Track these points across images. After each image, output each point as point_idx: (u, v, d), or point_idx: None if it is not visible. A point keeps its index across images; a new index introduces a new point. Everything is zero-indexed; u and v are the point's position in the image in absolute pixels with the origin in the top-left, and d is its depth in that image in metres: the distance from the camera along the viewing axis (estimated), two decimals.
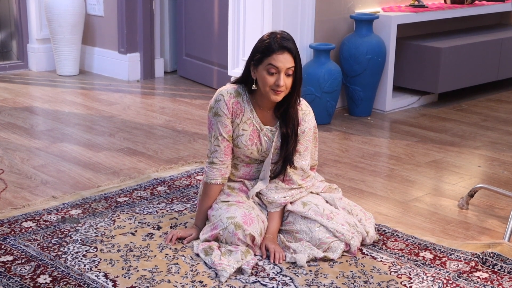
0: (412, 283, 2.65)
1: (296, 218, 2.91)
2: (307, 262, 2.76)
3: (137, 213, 3.21)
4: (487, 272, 2.73)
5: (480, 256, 2.81)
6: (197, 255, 2.81)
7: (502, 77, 5.76)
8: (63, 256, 2.78)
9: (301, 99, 2.94)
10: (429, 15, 5.29)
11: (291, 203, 2.95)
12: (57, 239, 2.93)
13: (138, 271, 2.68)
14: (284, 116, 2.90)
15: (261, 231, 2.84)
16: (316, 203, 2.91)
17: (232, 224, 2.79)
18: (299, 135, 2.92)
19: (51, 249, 2.84)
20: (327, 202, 2.99)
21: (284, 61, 2.77)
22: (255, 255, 2.81)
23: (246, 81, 2.91)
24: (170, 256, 2.80)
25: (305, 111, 2.94)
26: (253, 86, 2.86)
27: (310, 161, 3.00)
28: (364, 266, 2.77)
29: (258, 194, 2.98)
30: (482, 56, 5.49)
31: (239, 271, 2.69)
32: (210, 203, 2.95)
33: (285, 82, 2.78)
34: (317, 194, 3.03)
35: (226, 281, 2.62)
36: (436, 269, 2.76)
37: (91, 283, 2.58)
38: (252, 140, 2.92)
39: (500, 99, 5.64)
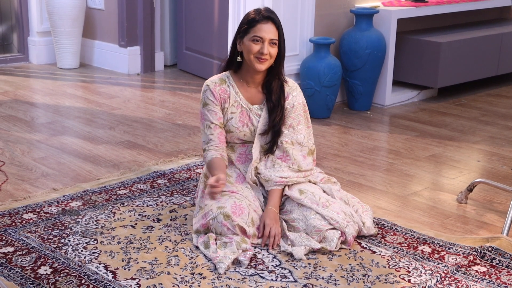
0: (410, 276, 2.66)
1: (293, 206, 2.93)
2: (305, 254, 2.78)
3: (137, 206, 3.22)
4: (485, 266, 2.75)
5: (479, 250, 2.82)
6: (197, 247, 2.82)
7: (502, 72, 5.76)
8: (63, 247, 2.80)
9: (287, 78, 3.05)
10: (429, 10, 5.30)
11: (288, 187, 2.98)
12: (57, 231, 2.94)
13: (138, 263, 2.69)
14: (268, 88, 3.00)
15: (252, 220, 2.86)
16: (312, 192, 2.94)
17: (221, 214, 2.82)
18: (288, 110, 3.01)
19: (52, 240, 2.85)
20: (324, 192, 3.01)
21: (267, 30, 2.90)
22: (253, 246, 2.82)
23: (232, 57, 3.01)
24: (169, 249, 2.81)
25: (291, 86, 3.06)
26: (238, 58, 2.97)
27: (305, 135, 3.04)
28: (362, 259, 2.78)
29: (256, 174, 3.02)
30: (482, 51, 5.49)
31: (238, 263, 2.71)
32: (221, 167, 2.92)
33: (269, 51, 2.90)
34: (315, 183, 3.05)
35: (225, 273, 2.63)
36: (434, 262, 2.77)
37: (91, 274, 2.59)
38: (242, 121, 2.99)
39: (499, 94, 5.65)
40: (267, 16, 2.92)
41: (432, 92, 5.51)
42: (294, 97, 3.03)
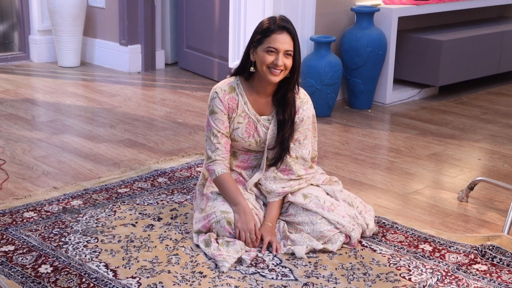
0: (411, 275, 2.66)
1: (297, 210, 2.91)
2: (306, 253, 2.78)
3: (137, 204, 3.22)
4: (486, 264, 2.74)
5: (479, 249, 2.82)
6: (197, 246, 2.82)
7: (503, 70, 5.76)
8: (64, 246, 2.80)
9: (299, 87, 2.95)
10: (430, 8, 5.29)
11: (291, 193, 2.96)
12: (58, 230, 2.94)
13: (138, 261, 2.69)
14: (281, 102, 2.91)
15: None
16: (316, 195, 2.92)
17: (224, 219, 2.81)
18: (297, 124, 2.93)
19: (52, 239, 2.86)
20: (327, 194, 3.00)
21: (283, 41, 2.79)
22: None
23: (245, 65, 2.91)
24: (170, 247, 2.81)
25: (303, 99, 2.95)
26: (251, 68, 2.87)
27: (311, 150, 3.00)
28: (363, 258, 2.78)
29: (257, 184, 2.99)
30: (483, 49, 5.49)
31: (239, 261, 2.71)
32: (235, 188, 2.89)
33: (284, 62, 2.80)
34: (317, 186, 3.04)
35: (225, 272, 2.63)
36: (435, 261, 2.77)
37: (92, 273, 2.59)
38: (248, 132, 2.93)
39: (500, 92, 5.65)
40: (283, 26, 2.79)
41: (433, 90, 5.50)
42: (305, 110, 2.94)
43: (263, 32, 2.81)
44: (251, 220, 2.80)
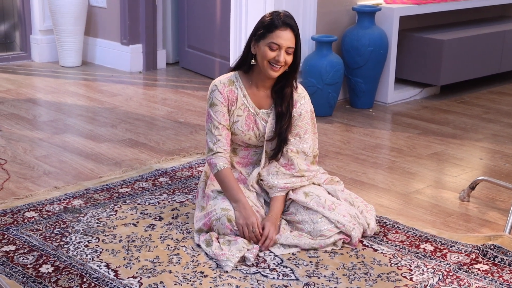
0: (412, 275, 2.65)
1: (298, 209, 2.92)
2: (306, 251, 2.78)
3: (138, 204, 3.22)
4: (487, 264, 2.74)
5: (481, 248, 2.82)
6: (198, 245, 2.82)
7: (505, 69, 5.75)
8: (65, 246, 2.80)
9: (297, 84, 2.98)
10: (432, 7, 5.29)
11: (292, 191, 2.96)
12: (59, 229, 2.94)
13: (139, 261, 2.69)
14: (279, 94, 2.94)
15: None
16: (318, 194, 2.92)
17: (224, 216, 2.81)
18: (296, 118, 2.95)
19: (54, 239, 2.85)
20: (329, 193, 3.00)
21: (286, 38, 2.81)
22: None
23: (245, 58, 2.93)
24: (171, 247, 2.81)
25: (300, 94, 2.98)
26: (252, 60, 2.89)
27: (311, 144, 3.01)
28: (364, 257, 2.78)
29: (259, 181, 3.00)
30: (485, 49, 5.48)
31: (242, 260, 2.70)
32: (235, 185, 2.89)
33: (285, 58, 2.83)
34: (319, 185, 3.04)
35: (226, 272, 2.62)
36: (436, 261, 2.76)
37: (93, 273, 2.59)
38: (248, 125, 2.95)
39: (502, 91, 5.64)
40: (287, 23, 2.82)
41: (434, 89, 5.50)
42: (302, 105, 2.96)
43: (267, 27, 2.83)
44: (252, 215, 2.80)
